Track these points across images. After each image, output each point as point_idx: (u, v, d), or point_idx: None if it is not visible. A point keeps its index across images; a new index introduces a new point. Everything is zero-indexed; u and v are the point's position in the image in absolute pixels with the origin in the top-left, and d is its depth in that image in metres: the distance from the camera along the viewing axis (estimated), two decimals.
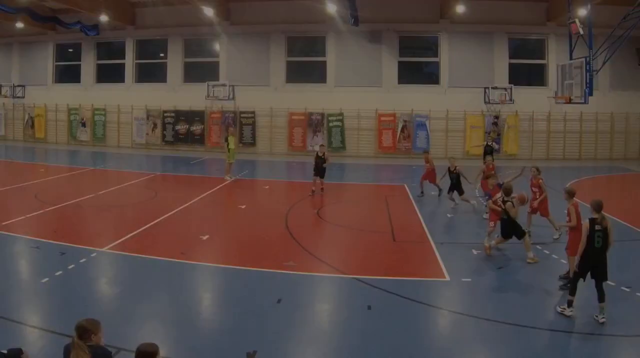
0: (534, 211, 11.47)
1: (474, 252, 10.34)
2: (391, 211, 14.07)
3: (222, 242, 11.19)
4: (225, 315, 7.41)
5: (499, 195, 10.13)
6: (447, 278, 8.88)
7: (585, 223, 7.34)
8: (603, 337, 6.80)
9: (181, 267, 9.17)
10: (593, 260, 7.28)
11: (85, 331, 4.19)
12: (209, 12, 24.58)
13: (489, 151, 20.84)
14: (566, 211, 8.59)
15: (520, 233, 9.77)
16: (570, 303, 7.32)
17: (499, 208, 9.81)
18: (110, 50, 28.79)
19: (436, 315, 7.56)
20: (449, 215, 13.86)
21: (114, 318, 6.77)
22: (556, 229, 11.20)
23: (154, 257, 9.64)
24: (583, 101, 20.10)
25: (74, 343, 4.13)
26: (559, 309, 7.40)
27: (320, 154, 16.03)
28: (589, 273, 7.34)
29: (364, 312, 7.39)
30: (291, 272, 9.01)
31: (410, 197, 16.11)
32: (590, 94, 19.83)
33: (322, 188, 16.25)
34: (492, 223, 10.49)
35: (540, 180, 11.53)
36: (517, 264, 9.70)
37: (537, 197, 11.35)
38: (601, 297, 7.19)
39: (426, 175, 15.97)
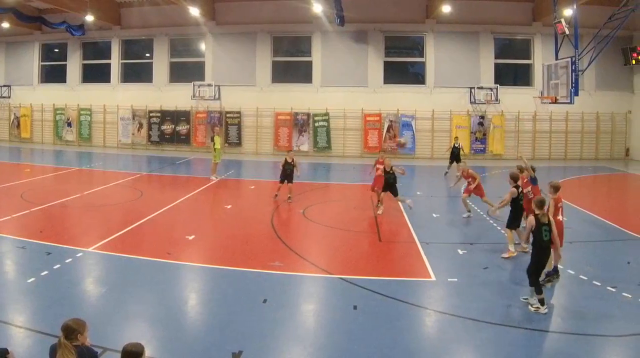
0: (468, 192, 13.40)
1: (460, 251, 10.35)
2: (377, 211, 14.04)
3: (208, 242, 11.17)
4: (211, 315, 7.39)
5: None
6: (433, 278, 8.88)
7: (531, 219, 7.59)
8: (589, 336, 6.80)
9: (167, 267, 9.19)
10: (547, 252, 7.59)
11: (71, 331, 4.19)
12: (194, 12, 24.54)
13: (456, 153, 20.85)
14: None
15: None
16: (542, 302, 7.40)
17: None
18: (96, 50, 28.71)
19: (422, 315, 7.56)
20: (435, 215, 13.85)
21: (100, 318, 6.79)
22: (486, 210, 12.99)
23: (140, 257, 9.68)
24: (569, 101, 20.06)
25: (61, 343, 4.12)
26: (532, 308, 7.41)
27: (289, 160, 15.14)
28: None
29: (349, 312, 7.42)
30: (277, 272, 9.04)
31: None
32: (576, 94, 19.79)
33: (289, 197, 15.00)
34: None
35: (470, 170, 13.39)
36: (503, 265, 9.70)
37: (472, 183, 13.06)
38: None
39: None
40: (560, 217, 8.33)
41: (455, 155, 20.94)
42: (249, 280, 8.64)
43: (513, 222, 10.19)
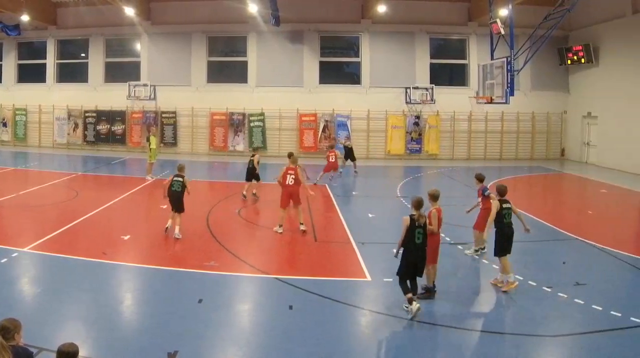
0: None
1: (395, 251, 10.28)
2: (312, 211, 13.93)
3: (144, 242, 11.09)
4: (147, 315, 7.34)
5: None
6: (369, 278, 8.85)
7: (406, 219, 7.39)
8: (524, 336, 6.78)
9: (102, 267, 9.13)
10: (416, 256, 7.36)
11: (7, 331, 4.19)
12: (130, 12, 24.42)
13: (348, 152, 20.76)
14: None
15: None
16: (410, 301, 7.25)
17: None
18: (31, 50, 28.45)
19: (357, 314, 7.53)
20: (370, 215, 13.79)
21: (35, 318, 6.74)
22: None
23: (75, 257, 9.58)
24: (504, 101, 20.15)
25: None
26: (404, 307, 7.36)
27: (254, 160, 15.15)
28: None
29: (285, 312, 7.41)
30: (212, 272, 9.02)
31: (332, 197, 15.98)
32: (512, 94, 19.87)
33: (254, 193, 15.43)
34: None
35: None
36: (438, 264, 9.60)
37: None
38: (414, 289, 7.42)
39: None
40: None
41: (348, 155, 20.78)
42: (184, 280, 8.63)
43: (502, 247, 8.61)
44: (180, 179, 11.35)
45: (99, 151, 26.78)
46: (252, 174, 15.17)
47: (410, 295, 7.26)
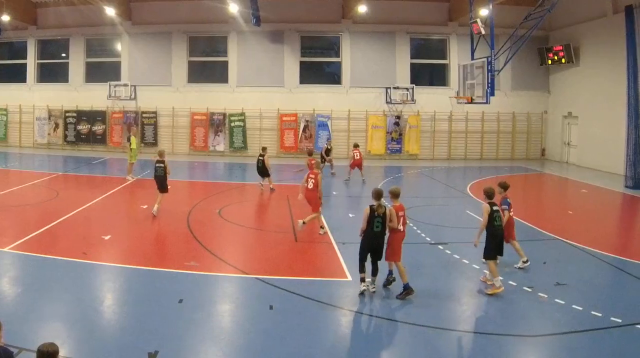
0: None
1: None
2: (293, 211, 13.93)
3: (124, 242, 11.10)
4: (127, 315, 7.33)
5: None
6: (349, 278, 8.84)
7: (367, 209, 7.88)
8: (504, 336, 6.79)
9: (83, 267, 9.10)
10: (373, 242, 7.89)
11: None
12: (110, 11, 24.46)
13: (327, 154, 20.80)
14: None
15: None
16: (362, 280, 7.95)
17: None
18: (11, 50, 28.34)
19: (338, 314, 7.53)
20: (351, 215, 13.74)
21: (16, 318, 6.72)
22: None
23: (55, 257, 9.55)
24: (485, 101, 20.19)
25: None
26: (362, 287, 7.94)
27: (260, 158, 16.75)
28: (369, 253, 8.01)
29: (265, 312, 7.41)
30: (193, 272, 9.00)
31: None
32: (492, 94, 19.90)
33: (271, 188, 16.75)
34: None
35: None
36: (419, 264, 9.66)
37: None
38: (374, 271, 8.08)
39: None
40: (401, 227, 8.12)
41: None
42: (165, 280, 8.61)
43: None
44: (161, 165, 12.95)
45: (80, 151, 26.70)
46: (262, 172, 16.66)
47: (363, 275, 7.93)
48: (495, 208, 8.32)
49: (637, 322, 7.11)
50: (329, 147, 21.04)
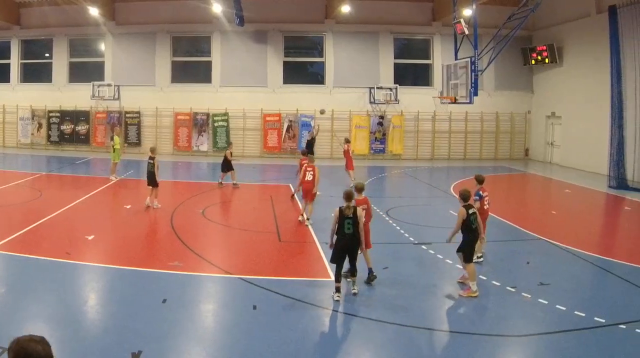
0: None
1: (359, 252, 10.26)
2: (277, 211, 13.92)
3: (108, 242, 11.06)
4: (110, 315, 7.30)
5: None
6: (333, 278, 8.69)
7: (336, 211, 7.87)
8: (488, 336, 6.76)
9: (66, 267, 9.09)
10: (345, 245, 7.80)
11: None
12: (94, 12, 24.46)
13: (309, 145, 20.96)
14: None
15: None
16: (337, 289, 7.75)
17: None
18: None
19: (322, 314, 7.53)
20: (333, 215, 13.67)
21: None
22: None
23: (39, 257, 9.52)
24: (468, 101, 20.19)
25: None
26: (335, 297, 7.75)
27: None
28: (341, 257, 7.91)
29: (249, 312, 7.40)
30: (176, 272, 8.99)
31: (296, 196, 15.90)
32: (475, 94, 19.91)
33: (234, 183, 17.52)
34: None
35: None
36: (402, 264, 9.64)
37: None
38: (354, 272, 8.03)
39: None
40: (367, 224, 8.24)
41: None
42: (148, 280, 8.63)
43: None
44: (151, 161, 13.69)
45: (63, 151, 26.62)
46: (224, 166, 17.37)
47: (339, 284, 7.75)
48: (471, 211, 8.20)
49: (620, 322, 7.08)
50: (312, 138, 21.16)
